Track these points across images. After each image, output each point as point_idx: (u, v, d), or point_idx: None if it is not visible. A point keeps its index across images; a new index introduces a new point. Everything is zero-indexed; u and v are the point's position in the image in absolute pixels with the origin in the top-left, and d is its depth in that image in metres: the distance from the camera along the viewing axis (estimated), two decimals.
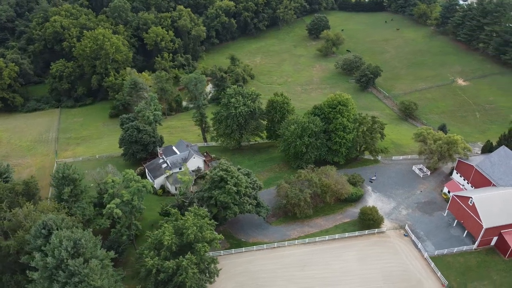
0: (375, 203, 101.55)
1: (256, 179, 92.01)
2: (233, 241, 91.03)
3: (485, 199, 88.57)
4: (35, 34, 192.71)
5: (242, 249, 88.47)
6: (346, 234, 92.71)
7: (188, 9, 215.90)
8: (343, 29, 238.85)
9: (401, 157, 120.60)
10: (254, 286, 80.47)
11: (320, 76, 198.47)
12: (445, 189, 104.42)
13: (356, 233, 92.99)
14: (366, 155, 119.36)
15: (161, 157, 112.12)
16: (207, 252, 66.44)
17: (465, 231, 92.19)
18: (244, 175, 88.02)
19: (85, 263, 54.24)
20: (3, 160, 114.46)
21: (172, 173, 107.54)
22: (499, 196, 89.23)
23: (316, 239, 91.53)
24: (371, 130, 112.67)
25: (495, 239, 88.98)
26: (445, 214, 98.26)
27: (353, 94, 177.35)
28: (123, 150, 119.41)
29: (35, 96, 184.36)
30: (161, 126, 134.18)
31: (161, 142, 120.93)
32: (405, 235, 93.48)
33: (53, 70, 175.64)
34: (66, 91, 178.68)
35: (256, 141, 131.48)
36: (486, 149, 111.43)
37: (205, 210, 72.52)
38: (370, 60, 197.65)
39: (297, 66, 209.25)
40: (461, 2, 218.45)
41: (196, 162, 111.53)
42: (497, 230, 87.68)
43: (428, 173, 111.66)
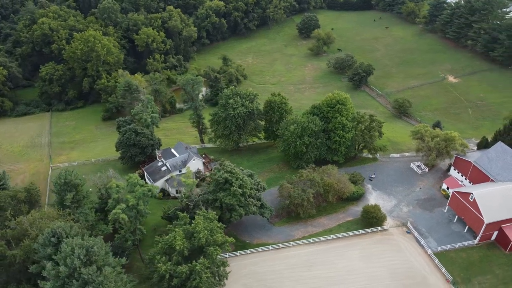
0: (376, 201, 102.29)
1: (260, 180, 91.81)
2: (238, 243, 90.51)
3: (486, 195, 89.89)
4: (23, 37, 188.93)
5: (247, 251, 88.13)
6: (350, 233, 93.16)
7: (178, 10, 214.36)
8: (333, 28, 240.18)
9: (399, 155, 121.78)
10: None
11: (313, 75, 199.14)
12: (444, 186, 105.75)
13: (360, 232, 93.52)
14: (365, 154, 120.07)
15: (160, 160, 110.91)
16: (219, 255, 66.01)
17: (466, 227, 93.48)
18: (248, 177, 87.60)
19: (99, 271, 53.25)
20: None
21: (172, 176, 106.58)
22: (499, 191, 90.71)
23: (321, 239, 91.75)
24: (369, 129, 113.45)
25: (495, 234, 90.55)
26: (445, 210, 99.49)
27: (347, 93, 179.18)
28: (120, 154, 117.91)
29: (25, 100, 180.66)
30: (157, 129, 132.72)
31: (159, 145, 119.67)
32: (408, 232, 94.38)
33: (43, 73, 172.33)
34: (57, 95, 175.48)
35: (254, 142, 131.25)
36: (482, 145, 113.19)
37: (214, 213, 72.01)
38: (361, 59, 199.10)
39: (289, 66, 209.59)
40: (449, 0, 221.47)
41: (196, 164, 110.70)
42: (498, 225, 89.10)
43: (426, 170, 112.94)
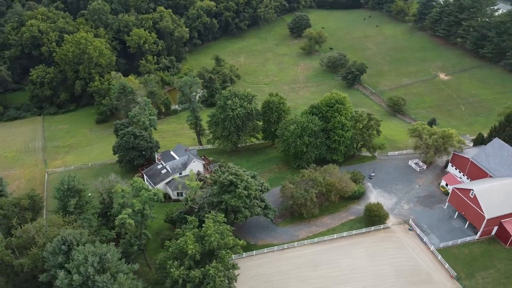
0: (377, 199, 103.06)
1: (263, 181, 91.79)
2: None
3: (486, 191, 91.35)
4: (11, 39, 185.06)
5: (253, 252, 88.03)
6: (354, 232, 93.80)
7: (169, 10, 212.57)
8: (323, 27, 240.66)
9: (396, 153, 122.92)
10: None
11: (306, 75, 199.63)
12: (443, 182, 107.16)
13: (363, 230, 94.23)
14: (363, 152, 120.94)
15: (160, 163, 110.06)
16: (231, 258, 65.79)
17: (467, 223, 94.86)
18: (251, 178, 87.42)
19: (112, 279, 52.54)
20: None
21: (173, 179, 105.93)
22: (499, 187, 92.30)
23: (325, 238, 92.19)
24: (368, 127, 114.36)
25: (495, 229, 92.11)
26: (445, 207, 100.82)
27: (340, 91, 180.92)
28: (118, 157, 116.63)
29: (15, 104, 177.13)
30: (153, 131, 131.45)
31: (157, 147, 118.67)
32: (410, 230, 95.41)
33: (33, 76, 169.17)
34: (48, 98, 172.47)
35: (252, 142, 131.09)
36: (478, 142, 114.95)
37: (222, 216, 71.70)
38: (353, 57, 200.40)
39: (282, 65, 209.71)
40: None
41: (196, 166, 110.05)
42: (498, 220, 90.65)
43: (424, 167, 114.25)
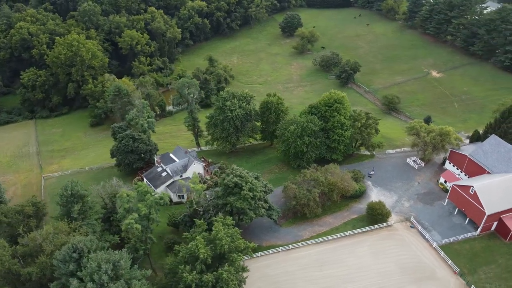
0: (378, 198, 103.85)
1: (267, 182, 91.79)
2: None
3: (485, 187, 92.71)
4: (0, 42, 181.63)
5: (258, 254, 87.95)
6: (357, 230, 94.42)
7: (161, 11, 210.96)
8: (315, 26, 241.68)
9: (394, 151, 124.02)
10: None
11: (299, 74, 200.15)
12: (442, 179, 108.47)
13: (366, 229, 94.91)
14: (362, 151, 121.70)
15: (160, 166, 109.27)
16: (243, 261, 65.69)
17: (467, 219, 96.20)
18: (255, 179, 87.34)
19: (127, 286, 51.96)
20: None
21: (175, 181, 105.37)
22: (498, 183, 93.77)
23: (329, 238, 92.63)
24: (366, 126, 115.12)
25: (495, 224, 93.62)
26: (445, 203, 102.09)
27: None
28: (117, 160, 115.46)
29: (6, 108, 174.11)
30: (151, 133, 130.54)
31: (156, 150, 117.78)
32: (412, 227, 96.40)
33: (25, 80, 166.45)
34: (40, 101, 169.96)
35: (250, 143, 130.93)
36: (474, 138, 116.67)
37: (231, 219, 71.50)
38: (345, 56, 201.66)
39: (275, 65, 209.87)
40: None
41: (197, 169, 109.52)
42: (497, 216, 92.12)
43: (422, 165, 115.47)
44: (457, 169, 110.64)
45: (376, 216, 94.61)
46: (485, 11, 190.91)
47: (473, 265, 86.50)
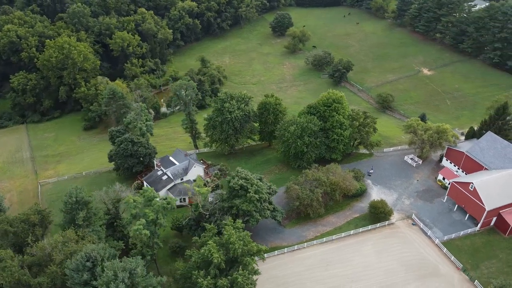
0: (379, 196, 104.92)
1: (271, 184, 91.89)
2: None
3: (485, 183, 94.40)
4: None
5: (264, 255, 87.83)
6: (360, 229, 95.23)
7: (151, 12, 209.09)
8: (305, 25, 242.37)
9: (392, 149, 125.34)
10: None
11: (292, 74, 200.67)
12: (440, 176, 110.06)
13: (369, 227, 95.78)
14: (360, 150, 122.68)
15: (160, 169, 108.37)
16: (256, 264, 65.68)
17: (467, 215, 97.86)
18: (260, 181, 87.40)
19: None
20: None
21: (175, 185, 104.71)
22: (496, 179, 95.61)
23: (333, 237, 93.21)
24: (364, 125, 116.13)
25: (494, 219, 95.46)
26: (445, 200, 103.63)
27: (327, 89, 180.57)
28: (115, 165, 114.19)
29: None
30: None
31: (155, 153, 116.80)
32: (413, 224, 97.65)
33: (14, 84, 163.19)
34: (31, 105, 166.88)
35: (248, 144, 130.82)
36: (470, 135, 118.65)
37: (240, 222, 71.38)
38: (336, 55, 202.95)
39: (267, 65, 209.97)
40: None
41: (197, 171, 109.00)
42: (497, 211, 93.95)
43: (420, 162, 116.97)
44: (454, 166, 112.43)
45: (379, 215, 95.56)
46: (473, 9, 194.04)
47: (475, 260, 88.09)
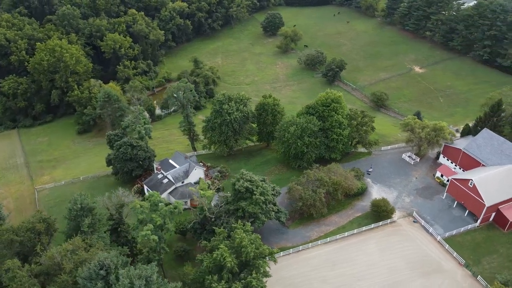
0: (379, 194, 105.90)
1: (274, 185, 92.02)
2: None
3: (484, 180, 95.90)
4: None
5: (275, 258, 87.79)
6: (363, 228, 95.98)
7: (142, 13, 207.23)
8: (295, 25, 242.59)
9: (389, 147, 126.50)
10: None
11: (285, 73, 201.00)
12: (438, 173, 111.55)
13: (372, 226, 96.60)
14: (358, 149, 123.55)
15: (160, 172, 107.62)
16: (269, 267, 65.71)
17: (466, 211, 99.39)
18: (264, 183, 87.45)
19: None
20: None
21: (176, 188, 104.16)
22: (495, 175, 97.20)
23: (337, 237, 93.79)
24: (362, 124, 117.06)
25: (493, 215, 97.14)
26: (444, 197, 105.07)
27: (322, 89, 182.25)
28: (114, 169, 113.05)
29: None
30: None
31: (154, 156, 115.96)
32: (415, 222, 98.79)
33: (5, 88, 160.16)
34: (22, 110, 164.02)
35: (247, 145, 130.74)
36: (465, 132, 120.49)
37: (249, 225, 71.31)
38: (328, 54, 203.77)
39: (260, 65, 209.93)
40: None
41: (198, 174, 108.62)
42: (496, 207, 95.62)
43: (418, 160, 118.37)
44: (452, 163, 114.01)
45: (381, 213, 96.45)
46: (462, 7, 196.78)
47: (477, 256, 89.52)
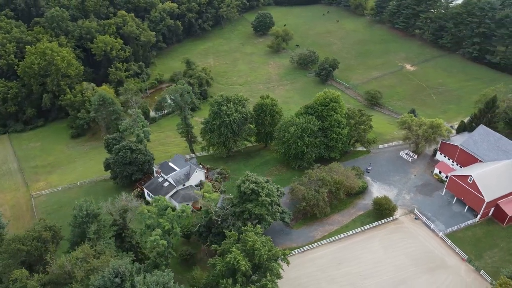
0: (379, 192, 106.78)
1: (278, 186, 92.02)
2: None
3: (483, 175, 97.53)
4: None
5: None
6: (367, 226, 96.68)
7: (132, 14, 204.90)
8: (285, 24, 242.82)
9: (386, 145, 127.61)
10: None
11: (278, 73, 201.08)
12: (436, 170, 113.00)
13: (375, 224, 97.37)
14: (357, 147, 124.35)
15: (160, 176, 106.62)
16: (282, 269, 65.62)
17: (466, 207, 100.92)
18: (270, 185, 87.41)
19: None
20: None
21: (177, 191, 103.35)
22: (493, 171, 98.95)
23: (341, 236, 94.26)
24: (360, 123, 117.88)
25: (492, 210, 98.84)
26: (443, 193, 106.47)
27: (315, 88, 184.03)
28: (113, 173, 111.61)
29: None
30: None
31: (153, 159, 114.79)
32: (416, 219, 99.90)
33: None
34: (13, 114, 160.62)
35: (245, 146, 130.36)
36: (461, 129, 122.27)
37: (259, 227, 71.15)
38: (320, 53, 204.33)
39: (252, 65, 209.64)
40: None
41: (199, 176, 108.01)
42: (495, 202, 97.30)
43: (415, 157, 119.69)
44: (449, 160, 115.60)
45: (384, 211, 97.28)
46: (451, 5, 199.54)
47: (478, 251, 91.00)
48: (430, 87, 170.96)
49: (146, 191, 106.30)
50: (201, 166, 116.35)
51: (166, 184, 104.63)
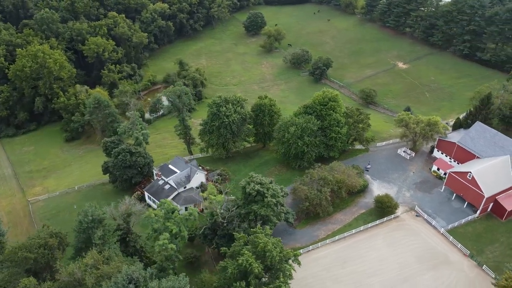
0: (380, 190, 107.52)
1: (282, 186, 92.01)
2: None
3: (482, 171, 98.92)
4: None
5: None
6: (369, 225, 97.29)
7: (123, 15, 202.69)
8: (277, 24, 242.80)
9: (384, 143, 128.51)
10: None
11: (271, 73, 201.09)
12: (434, 167, 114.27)
13: (377, 222, 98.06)
14: (355, 146, 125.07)
15: (161, 178, 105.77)
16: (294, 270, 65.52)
17: (465, 203, 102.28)
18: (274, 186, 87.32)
19: None
20: None
21: (179, 193, 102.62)
22: (491, 167, 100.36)
23: (345, 235, 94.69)
24: (359, 121, 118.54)
25: (491, 205, 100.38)
26: (442, 190, 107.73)
27: (309, 87, 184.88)
28: (112, 177, 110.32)
29: None
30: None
31: (152, 162, 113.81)
32: (417, 216, 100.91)
33: None
34: (4, 119, 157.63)
35: (244, 146, 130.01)
36: (457, 126, 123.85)
37: (268, 228, 71.02)
38: (313, 52, 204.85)
39: (245, 65, 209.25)
40: None
41: (200, 178, 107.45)
42: (493, 197, 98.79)
43: (413, 155, 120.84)
44: (446, 156, 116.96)
45: (386, 209, 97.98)
46: (441, 3, 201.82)
47: (480, 246, 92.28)
48: (423, 85, 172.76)
49: (147, 194, 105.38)
50: (201, 168, 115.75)
51: (167, 187, 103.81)
